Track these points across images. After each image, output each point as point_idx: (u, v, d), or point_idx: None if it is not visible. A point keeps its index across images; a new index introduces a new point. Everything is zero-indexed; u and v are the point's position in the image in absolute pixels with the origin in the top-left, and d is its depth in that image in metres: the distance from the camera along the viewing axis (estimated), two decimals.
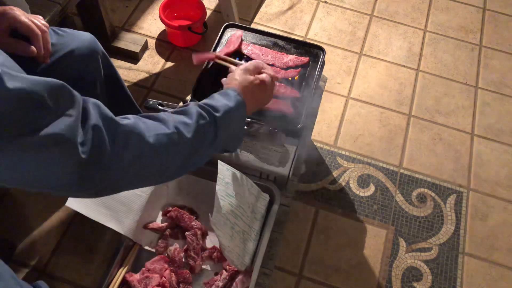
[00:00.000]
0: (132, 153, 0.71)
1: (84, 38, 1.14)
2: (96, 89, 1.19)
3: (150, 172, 0.77)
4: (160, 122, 0.77)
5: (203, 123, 0.81)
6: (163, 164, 0.77)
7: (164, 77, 1.85)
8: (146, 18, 2.04)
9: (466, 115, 1.86)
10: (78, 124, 0.66)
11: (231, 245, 1.03)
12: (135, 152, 0.72)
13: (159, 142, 0.74)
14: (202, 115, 0.82)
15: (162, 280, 1.05)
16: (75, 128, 0.65)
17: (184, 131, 0.78)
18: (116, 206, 1.08)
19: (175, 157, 0.78)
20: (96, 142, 0.67)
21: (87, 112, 0.69)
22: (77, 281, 1.38)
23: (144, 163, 0.74)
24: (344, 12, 2.13)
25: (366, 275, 1.47)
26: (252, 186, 1.13)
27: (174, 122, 0.78)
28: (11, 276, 0.96)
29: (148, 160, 0.74)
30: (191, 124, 0.79)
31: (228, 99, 0.88)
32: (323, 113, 1.80)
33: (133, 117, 0.76)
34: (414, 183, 1.67)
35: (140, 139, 0.72)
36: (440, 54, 2.02)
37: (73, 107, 0.66)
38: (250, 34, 1.33)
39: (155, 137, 0.74)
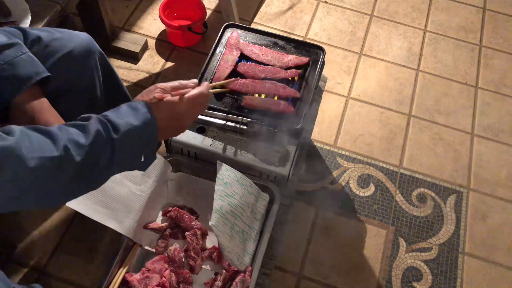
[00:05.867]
0: (6, 177, 0.65)
1: (81, 38, 1.13)
2: (94, 90, 1.19)
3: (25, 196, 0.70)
4: (49, 139, 0.70)
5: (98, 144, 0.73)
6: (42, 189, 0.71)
7: (164, 77, 1.85)
8: (146, 18, 2.04)
9: (466, 115, 1.86)
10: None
11: (230, 245, 1.03)
12: (9, 177, 0.65)
13: (41, 166, 0.67)
14: (100, 134, 0.74)
15: (162, 280, 1.05)
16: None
17: (74, 154, 0.70)
18: (116, 206, 1.08)
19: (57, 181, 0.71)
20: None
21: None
22: (77, 281, 1.38)
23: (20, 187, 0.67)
24: (344, 12, 2.13)
25: (366, 275, 1.47)
26: (252, 186, 1.13)
27: (65, 140, 0.70)
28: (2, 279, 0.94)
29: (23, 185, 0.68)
30: (84, 145, 0.72)
31: (135, 115, 0.79)
32: (323, 113, 1.80)
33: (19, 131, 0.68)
34: (414, 183, 1.67)
35: (19, 163, 0.66)
36: (440, 54, 2.02)
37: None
38: (250, 34, 1.33)
39: (38, 160, 0.67)
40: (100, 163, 0.75)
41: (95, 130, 0.74)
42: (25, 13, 1.27)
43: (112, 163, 0.77)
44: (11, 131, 0.68)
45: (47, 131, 0.71)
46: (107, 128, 0.76)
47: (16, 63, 0.91)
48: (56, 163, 0.69)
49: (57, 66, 1.05)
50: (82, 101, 1.18)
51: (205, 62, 1.25)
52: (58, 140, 0.70)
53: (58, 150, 0.69)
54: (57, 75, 1.01)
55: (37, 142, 0.69)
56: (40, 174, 0.68)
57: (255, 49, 1.28)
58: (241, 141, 1.17)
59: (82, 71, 1.14)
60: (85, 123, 0.75)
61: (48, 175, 0.69)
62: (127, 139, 0.77)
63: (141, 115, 0.80)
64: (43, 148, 0.69)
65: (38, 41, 1.04)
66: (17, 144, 0.66)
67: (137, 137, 0.79)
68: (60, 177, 0.71)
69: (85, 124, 0.75)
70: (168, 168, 1.18)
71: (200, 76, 1.22)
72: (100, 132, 0.74)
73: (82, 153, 0.71)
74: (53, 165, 0.69)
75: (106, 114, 0.79)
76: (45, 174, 0.69)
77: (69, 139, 0.71)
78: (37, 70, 0.94)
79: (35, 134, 0.70)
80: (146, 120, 0.80)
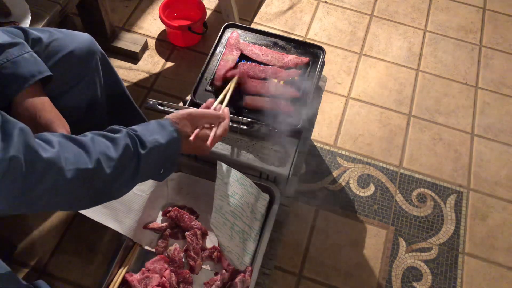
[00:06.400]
0: (46, 187, 0.70)
1: (82, 39, 1.13)
2: (95, 90, 1.19)
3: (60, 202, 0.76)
4: (84, 152, 0.75)
5: (126, 158, 0.79)
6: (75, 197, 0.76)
7: (164, 77, 1.85)
8: (146, 18, 2.04)
9: (466, 115, 1.86)
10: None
11: (230, 245, 1.03)
12: (49, 186, 0.70)
13: (76, 177, 0.72)
14: (129, 149, 0.79)
15: (162, 280, 1.05)
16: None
17: (105, 166, 0.76)
18: (116, 206, 1.08)
19: (89, 191, 0.77)
20: (9, 175, 0.65)
21: (10, 138, 0.66)
22: (77, 281, 1.38)
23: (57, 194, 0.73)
24: (344, 12, 2.13)
25: (366, 275, 1.47)
26: (251, 186, 1.13)
27: (97, 153, 0.75)
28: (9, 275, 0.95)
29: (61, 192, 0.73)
30: (114, 158, 0.77)
31: (161, 133, 0.85)
32: (323, 113, 1.80)
33: (58, 143, 0.73)
34: (414, 183, 1.67)
35: (57, 174, 0.70)
36: (440, 54, 2.02)
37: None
38: (250, 34, 1.33)
39: (74, 172, 0.72)
40: (125, 175, 0.80)
41: (124, 144, 0.79)
42: (25, 13, 1.27)
43: (136, 176, 0.82)
44: (50, 141, 0.72)
45: (81, 143, 0.76)
46: (135, 143, 0.81)
47: (18, 61, 0.93)
48: (89, 175, 0.74)
49: (58, 66, 1.05)
50: (82, 101, 1.18)
51: (205, 62, 1.25)
52: (91, 152, 0.75)
53: (92, 162, 0.74)
54: (58, 75, 1.01)
55: (73, 154, 0.73)
56: (74, 184, 0.73)
57: (255, 49, 1.28)
58: (241, 141, 1.17)
59: (83, 71, 1.14)
60: (115, 136, 0.80)
61: (81, 185, 0.74)
62: (152, 155, 0.83)
63: (167, 134, 0.86)
64: (79, 160, 0.73)
65: (39, 41, 1.04)
66: (57, 155, 0.71)
67: (161, 153, 0.84)
68: (90, 187, 0.76)
69: (115, 137, 0.79)
70: None
71: (200, 76, 1.22)
72: (128, 146, 0.79)
73: (111, 166, 0.77)
74: (86, 176, 0.74)
75: (135, 129, 0.84)
76: (79, 185, 0.74)
77: (101, 152, 0.76)
78: (40, 69, 0.95)
79: (71, 146, 0.74)
80: (171, 138, 0.86)
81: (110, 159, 0.77)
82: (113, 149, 0.78)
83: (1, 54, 0.92)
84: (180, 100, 1.78)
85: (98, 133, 0.80)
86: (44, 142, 0.71)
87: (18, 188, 0.67)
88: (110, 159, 0.77)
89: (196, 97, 1.19)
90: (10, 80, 0.92)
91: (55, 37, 1.08)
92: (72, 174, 0.72)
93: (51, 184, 0.70)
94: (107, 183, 0.78)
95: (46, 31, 1.09)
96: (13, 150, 0.65)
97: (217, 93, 1.20)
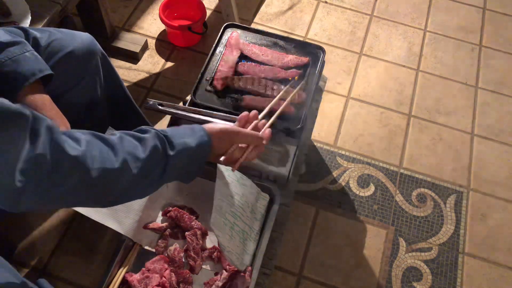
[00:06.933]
0: (72, 183, 0.70)
1: (83, 38, 1.13)
2: (95, 90, 1.19)
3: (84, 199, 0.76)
4: (111, 151, 0.74)
5: (154, 159, 0.78)
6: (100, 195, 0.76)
7: (164, 77, 1.85)
8: (146, 18, 2.04)
9: (466, 115, 1.86)
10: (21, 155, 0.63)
11: (230, 245, 1.03)
12: (75, 184, 0.70)
13: (103, 177, 0.72)
14: (157, 150, 0.78)
15: (162, 280, 1.05)
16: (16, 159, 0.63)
17: (132, 167, 0.75)
18: (116, 206, 1.08)
19: (115, 188, 0.76)
20: (36, 172, 0.65)
21: (38, 136, 0.66)
22: (77, 281, 1.38)
23: (83, 192, 0.73)
24: (344, 12, 2.13)
25: (366, 275, 1.47)
26: (251, 186, 1.13)
27: (125, 153, 0.75)
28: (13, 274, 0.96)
29: (86, 190, 0.73)
30: (142, 159, 0.76)
31: (192, 136, 0.83)
32: (323, 113, 1.80)
33: (85, 141, 0.72)
34: (414, 183, 1.67)
35: (84, 173, 0.70)
36: (440, 54, 2.02)
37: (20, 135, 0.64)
38: (250, 34, 1.33)
39: (100, 171, 0.72)
40: (152, 176, 0.79)
41: (152, 145, 0.78)
42: (25, 13, 1.27)
43: (162, 177, 0.81)
44: (78, 139, 0.72)
45: (110, 142, 0.75)
46: (164, 144, 0.80)
47: (19, 59, 0.93)
48: (115, 174, 0.74)
49: (58, 66, 1.05)
50: (83, 101, 1.18)
51: (205, 62, 1.25)
52: (119, 152, 0.74)
53: (118, 162, 0.74)
54: (58, 75, 1.01)
55: (100, 153, 0.73)
56: (100, 183, 0.72)
57: (255, 49, 1.28)
58: None
59: (83, 71, 1.14)
60: (144, 136, 0.79)
61: (107, 184, 0.74)
62: (181, 157, 0.81)
63: (198, 137, 0.84)
64: (105, 160, 0.73)
65: (39, 41, 1.04)
66: (84, 154, 0.70)
67: (190, 156, 0.83)
68: (116, 186, 0.75)
69: (144, 138, 0.79)
70: None
71: (200, 76, 1.22)
72: (157, 147, 0.78)
73: (138, 166, 0.76)
74: (112, 176, 0.73)
75: (166, 130, 0.83)
76: (104, 183, 0.73)
77: (128, 152, 0.75)
78: (40, 67, 0.95)
79: (99, 145, 0.74)
80: (201, 142, 0.84)
81: (137, 159, 0.76)
82: (141, 150, 0.77)
83: (2, 52, 0.92)
84: (180, 100, 1.78)
85: (127, 133, 0.79)
86: (72, 140, 0.71)
87: (44, 186, 0.67)
88: (137, 160, 0.76)
89: (196, 97, 1.19)
90: (10, 78, 0.92)
91: (55, 37, 1.08)
92: (97, 173, 0.71)
93: (76, 182, 0.70)
94: (133, 183, 0.77)
95: (46, 31, 1.09)
96: (40, 148, 0.65)
97: (217, 93, 1.20)
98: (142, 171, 0.77)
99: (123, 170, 0.74)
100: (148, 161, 0.77)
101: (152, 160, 0.78)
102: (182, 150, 0.81)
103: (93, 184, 0.72)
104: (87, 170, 0.70)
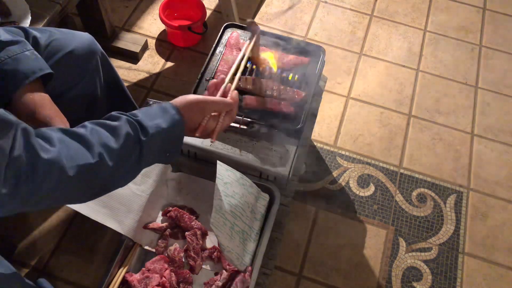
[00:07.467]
0: (51, 184, 0.70)
1: (83, 38, 1.13)
2: (95, 90, 1.19)
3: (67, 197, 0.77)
4: (84, 147, 0.74)
5: (128, 147, 0.77)
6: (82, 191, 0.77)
7: (164, 77, 1.85)
8: (146, 18, 2.04)
9: (466, 115, 1.86)
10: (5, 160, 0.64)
11: (230, 245, 1.03)
12: (54, 183, 0.70)
13: (80, 173, 0.72)
14: (130, 137, 0.77)
15: (162, 280, 1.05)
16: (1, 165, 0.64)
17: (107, 159, 0.75)
18: (116, 206, 1.08)
19: (94, 182, 0.76)
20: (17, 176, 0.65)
21: (15, 140, 0.66)
22: (77, 281, 1.38)
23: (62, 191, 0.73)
24: (344, 12, 2.13)
25: (366, 275, 1.47)
26: (251, 186, 1.13)
27: (98, 146, 0.74)
28: (14, 274, 0.96)
29: (66, 189, 0.73)
30: (116, 149, 0.76)
31: (163, 116, 0.82)
32: (323, 113, 1.80)
33: (58, 141, 0.72)
34: (414, 183, 1.67)
35: (60, 173, 0.70)
36: (440, 54, 2.02)
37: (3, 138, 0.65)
38: (250, 34, 1.33)
39: (77, 169, 0.71)
40: (129, 163, 0.79)
41: (125, 132, 0.77)
42: (25, 13, 1.27)
43: (140, 163, 0.80)
44: (50, 138, 0.71)
45: (81, 137, 0.74)
46: (136, 129, 0.78)
47: (19, 58, 0.93)
48: (92, 169, 0.73)
49: (58, 66, 1.05)
50: (82, 101, 1.18)
51: (205, 62, 1.25)
52: (92, 146, 0.74)
53: (94, 157, 0.73)
54: (58, 75, 1.02)
55: (74, 151, 0.72)
56: (78, 180, 0.73)
57: None
58: (241, 141, 1.17)
59: (83, 71, 1.14)
60: (116, 125, 0.77)
61: (86, 180, 0.74)
62: (155, 140, 0.80)
63: (170, 117, 0.82)
64: (80, 156, 0.72)
65: (39, 41, 1.04)
66: (58, 155, 0.70)
67: (164, 138, 0.82)
68: (95, 180, 0.75)
69: (116, 126, 0.77)
70: (168, 168, 1.18)
71: (200, 76, 1.22)
72: (129, 135, 0.77)
73: (114, 157, 0.75)
74: (89, 171, 0.73)
75: (136, 114, 0.81)
76: (83, 179, 0.73)
77: (102, 144, 0.75)
78: (40, 66, 0.95)
79: (71, 142, 0.73)
80: (174, 122, 0.82)
81: (111, 150, 0.75)
82: (113, 140, 0.76)
83: (2, 51, 0.92)
84: None
85: (97, 123, 0.78)
86: (44, 141, 0.71)
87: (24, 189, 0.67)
88: (111, 151, 0.75)
89: None
90: (10, 76, 0.92)
91: (55, 36, 1.08)
92: (75, 171, 0.71)
93: (55, 183, 0.70)
94: (112, 173, 0.77)
95: (46, 30, 1.09)
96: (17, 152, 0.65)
97: None
98: (118, 161, 0.76)
99: (99, 164, 0.74)
100: (122, 150, 0.76)
101: (127, 148, 0.77)
102: (155, 133, 0.80)
103: (71, 182, 0.72)
104: (63, 170, 0.70)
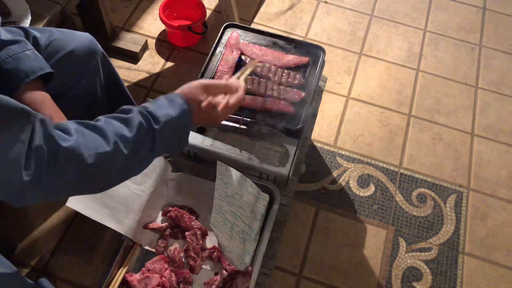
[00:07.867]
0: (72, 172, 0.72)
1: (83, 38, 1.14)
2: (95, 90, 1.19)
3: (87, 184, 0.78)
4: (100, 136, 0.76)
5: (141, 136, 0.81)
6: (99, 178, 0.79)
7: (164, 77, 1.85)
8: (146, 18, 2.04)
9: (466, 115, 1.86)
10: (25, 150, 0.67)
11: (230, 245, 1.03)
12: (75, 171, 0.73)
13: (98, 161, 0.74)
14: (143, 126, 0.81)
15: (162, 280, 1.05)
16: (22, 154, 0.66)
17: (122, 147, 0.78)
18: (116, 206, 1.08)
19: (111, 171, 0.79)
20: (38, 164, 0.68)
21: (34, 131, 0.69)
22: (77, 281, 1.38)
23: (82, 179, 0.75)
24: (344, 12, 2.13)
25: (366, 275, 1.47)
26: (251, 186, 1.13)
27: (114, 135, 0.77)
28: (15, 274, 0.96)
29: (85, 177, 0.75)
30: (130, 138, 0.79)
31: (172, 106, 0.86)
32: (323, 113, 1.80)
33: (75, 131, 0.75)
34: (414, 183, 1.67)
35: (80, 161, 0.73)
36: (440, 54, 2.02)
37: (24, 130, 0.67)
38: (250, 34, 1.33)
39: (95, 156, 0.74)
40: (143, 152, 0.82)
41: (138, 122, 0.80)
42: (25, 13, 1.27)
43: (153, 151, 0.83)
44: (68, 129, 0.74)
45: (97, 127, 0.77)
46: (148, 119, 0.81)
47: (20, 57, 0.94)
48: (108, 157, 0.76)
49: (59, 66, 1.05)
50: (83, 101, 1.18)
51: (205, 62, 1.25)
52: (108, 136, 0.76)
53: (109, 145, 0.76)
54: (58, 74, 1.02)
55: (91, 139, 0.75)
56: (97, 167, 0.75)
57: (255, 49, 1.28)
58: (241, 141, 1.17)
59: (83, 71, 1.14)
60: (128, 116, 0.81)
61: (103, 168, 0.76)
62: (166, 128, 0.83)
63: (177, 106, 0.86)
64: (97, 145, 0.75)
65: (39, 41, 1.04)
66: (77, 143, 0.72)
67: (174, 126, 0.85)
68: (111, 168, 0.78)
69: (128, 118, 0.80)
70: (168, 168, 1.18)
71: (200, 76, 1.22)
72: (142, 124, 0.80)
73: (129, 146, 0.78)
74: (106, 159, 0.75)
75: (146, 106, 0.85)
76: (100, 167, 0.75)
77: (117, 134, 0.77)
78: (41, 66, 0.96)
79: (87, 132, 0.76)
80: (182, 110, 0.86)
81: (126, 139, 0.78)
82: (127, 129, 0.79)
83: (3, 50, 0.92)
84: None
85: (110, 116, 0.81)
86: (62, 132, 0.73)
87: (45, 179, 0.69)
88: (126, 139, 0.78)
89: None
90: (11, 75, 0.93)
91: (55, 36, 1.08)
92: (93, 159, 0.73)
93: (75, 170, 0.72)
94: (127, 161, 0.79)
95: (46, 30, 1.09)
96: (37, 142, 0.68)
97: None
98: (133, 149, 0.79)
99: (115, 152, 0.76)
100: (136, 138, 0.79)
101: (140, 137, 0.80)
102: (166, 122, 0.83)
103: (90, 170, 0.74)
104: (82, 158, 0.72)
